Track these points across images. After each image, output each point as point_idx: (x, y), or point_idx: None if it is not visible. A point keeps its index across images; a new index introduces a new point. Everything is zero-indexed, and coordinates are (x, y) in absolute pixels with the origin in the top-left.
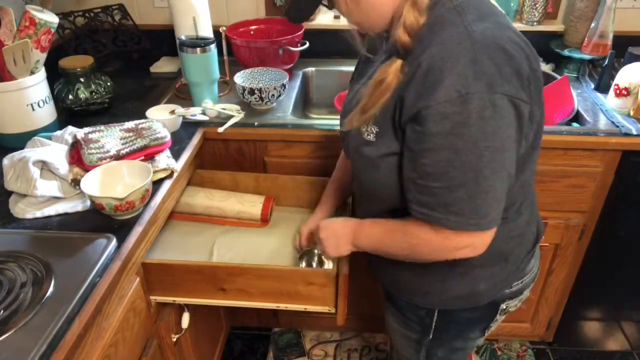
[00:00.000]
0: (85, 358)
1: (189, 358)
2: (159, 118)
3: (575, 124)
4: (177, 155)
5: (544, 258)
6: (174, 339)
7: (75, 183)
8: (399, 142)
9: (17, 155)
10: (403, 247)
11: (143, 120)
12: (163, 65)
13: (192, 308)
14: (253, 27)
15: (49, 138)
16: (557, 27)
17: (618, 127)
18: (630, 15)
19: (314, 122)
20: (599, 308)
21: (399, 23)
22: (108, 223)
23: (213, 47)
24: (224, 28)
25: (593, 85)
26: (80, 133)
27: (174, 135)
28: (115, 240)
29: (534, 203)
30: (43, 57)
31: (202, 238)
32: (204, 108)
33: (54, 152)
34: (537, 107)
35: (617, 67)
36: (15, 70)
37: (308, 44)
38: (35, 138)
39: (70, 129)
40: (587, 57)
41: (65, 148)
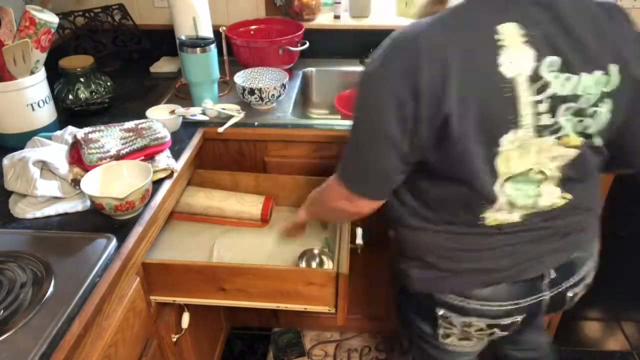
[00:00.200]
0: (85, 358)
1: (189, 358)
2: (159, 118)
3: None
4: (177, 155)
5: None
6: (174, 339)
7: (75, 183)
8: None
9: (17, 155)
10: (319, 193)
11: (143, 120)
12: (163, 65)
13: (192, 308)
14: (253, 27)
15: (49, 138)
16: None
17: None
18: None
19: (314, 122)
20: (599, 308)
21: None
22: (108, 223)
23: (213, 47)
24: (224, 28)
25: None
26: (80, 133)
27: (174, 135)
28: (115, 240)
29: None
30: (43, 57)
31: (202, 238)
32: (204, 108)
33: (54, 152)
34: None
35: None
36: (15, 70)
37: (308, 44)
38: (35, 138)
39: (70, 129)
40: None
41: (65, 148)
